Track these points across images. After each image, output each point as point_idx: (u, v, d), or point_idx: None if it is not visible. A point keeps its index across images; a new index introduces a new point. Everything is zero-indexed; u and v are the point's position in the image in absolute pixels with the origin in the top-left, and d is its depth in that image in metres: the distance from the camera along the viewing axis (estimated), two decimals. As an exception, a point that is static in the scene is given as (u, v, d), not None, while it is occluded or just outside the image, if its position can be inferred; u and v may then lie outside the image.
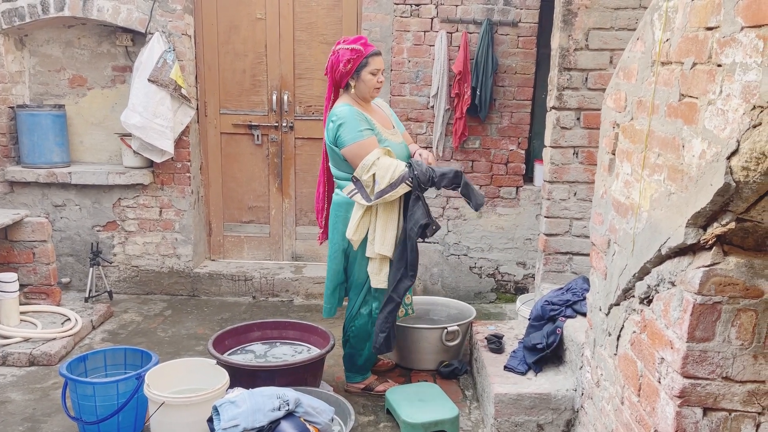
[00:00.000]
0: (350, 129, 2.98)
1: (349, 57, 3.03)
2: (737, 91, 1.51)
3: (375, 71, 3.05)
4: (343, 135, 2.99)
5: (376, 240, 3.02)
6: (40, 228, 4.00)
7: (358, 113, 3.03)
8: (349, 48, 3.03)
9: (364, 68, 3.04)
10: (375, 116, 3.15)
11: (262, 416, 1.98)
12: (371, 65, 3.04)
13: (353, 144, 2.97)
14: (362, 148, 2.96)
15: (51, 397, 3.23)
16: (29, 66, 4.72)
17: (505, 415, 2.84)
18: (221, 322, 4.27)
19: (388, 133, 3.15)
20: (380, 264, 3.07)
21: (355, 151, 2.98)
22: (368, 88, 3.07)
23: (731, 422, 1.80)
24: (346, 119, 2.99)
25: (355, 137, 2.97)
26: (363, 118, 3.03)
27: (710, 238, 1.71)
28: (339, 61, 3.05)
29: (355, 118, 3.00)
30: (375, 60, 3.05)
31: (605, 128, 2.53)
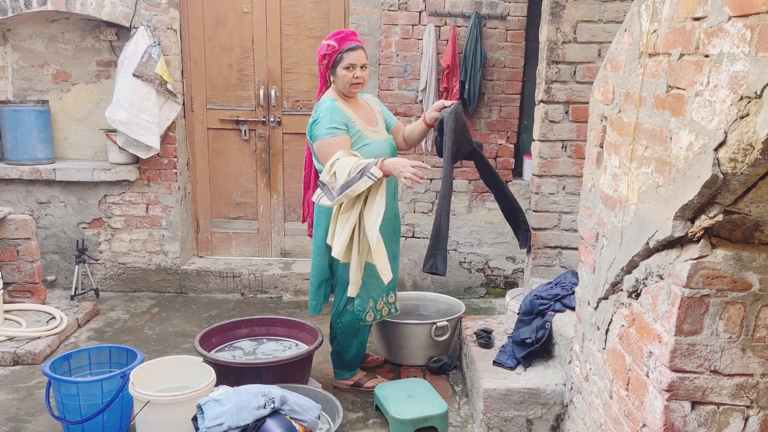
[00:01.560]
0: (322, 125, 2.94)
1: (324, 52, 3.00)
2: (724, 81, 1.50)
3: (349, 66, 2.98)
4: (315, 130, 2.96)
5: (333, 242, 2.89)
6: (23, 225, 3.94)
7: (336, 110, 2.97)
8: (326, 43, 3.00)
9: (339, 64, 2.99)
10: (359, 112, 3.10)
11: (247, 414, 1.95)
12: (345, 60, 2.97)
13: (321, 140, 2.93)
14: (328, 146, 2.90)
15: (35, 397, 3.18)
16: (12, 61, 4.65)
17: (495, 411, 2.83)
18: (209, 319, 4.23)
19: (371, 131, 3.09)
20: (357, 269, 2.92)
21: (321, 148, 2.94)
22: (344, 84, 3.02)
23: (720, 416, 1.80)
24: (322, 115, 2.96)
25: (324, 134, 2.92)
26: (340, 115, 2.97)
27: (698, 231, 1.69)
28: (318, 57, 3.05)
29: (329, 115, 2.94)
30: (350, 55, 2.98)
31: (593, 121, 2.51)
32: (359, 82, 3.03)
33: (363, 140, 3.03)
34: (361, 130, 3.04)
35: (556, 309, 3.07)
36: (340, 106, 3.01)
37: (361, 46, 3.04)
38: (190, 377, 2.86)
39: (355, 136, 3.01)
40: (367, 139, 3.05)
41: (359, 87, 3.06)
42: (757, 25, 1.37)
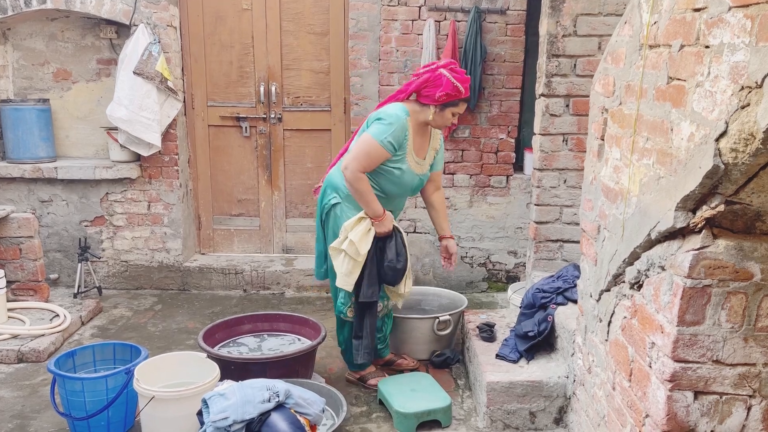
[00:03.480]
0: (383, 130, 2.93)
1: (448, 91, 2.95)
2: (725, 72, 1.50)
3: (456, 113, 3.05)
4: (376, 127, 2.96)
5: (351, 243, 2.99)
6: (26, 224, 3.95)
7: (404, 128, 2.98)
8: (455, 83, 2.95)
9: (452, 107, 3.00)
10: (418, 140, 3.11)
11: (252, 408, 1.96)
12: (459, 108, 3.03)
13: (373, 139, 2.93)
14: (372, 148, 2.93)
15: (40, 394, 3.20)
16: (12, 60, 4.65)
17: (498, 404, 2.84)
18: (212, 315, 4.24)
19: (415, 161, 3.11)
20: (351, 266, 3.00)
21: (366, 144, 2.95)
22: (441, 122, 3.05)
23: (722, 405, 1.80)
24: (391, 123, 2.95)
25: (378, 138, 2.93)
26: (403, 135, 2.99)
27: (699, 222, 1.70)
28: (437, 87, 2.96)
29: (395, 130, 2.95)
30: (462, 105, 3.05)
31: (594, 114, 2.52)
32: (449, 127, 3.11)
33: (402, 163, 3.05)
34: (407, 155, 3.06)
35: (558, 302, 3.08)
36: (408, 126, 3.01)
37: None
38: (194, 373, 2.87)
39: (400, 155, 3.03)
40: (406, 165, 3.06)
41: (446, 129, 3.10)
42: (758, 15, 1.37)
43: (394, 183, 3.07)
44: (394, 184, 3.07)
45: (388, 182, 3.06)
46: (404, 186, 3.12)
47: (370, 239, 2.99)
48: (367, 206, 2.99)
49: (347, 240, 2.98)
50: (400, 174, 3.05)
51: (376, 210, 2.99)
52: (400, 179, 3.07)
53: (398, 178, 3.06)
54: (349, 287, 3.03)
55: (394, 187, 3.09)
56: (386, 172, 3.03)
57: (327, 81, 4.69)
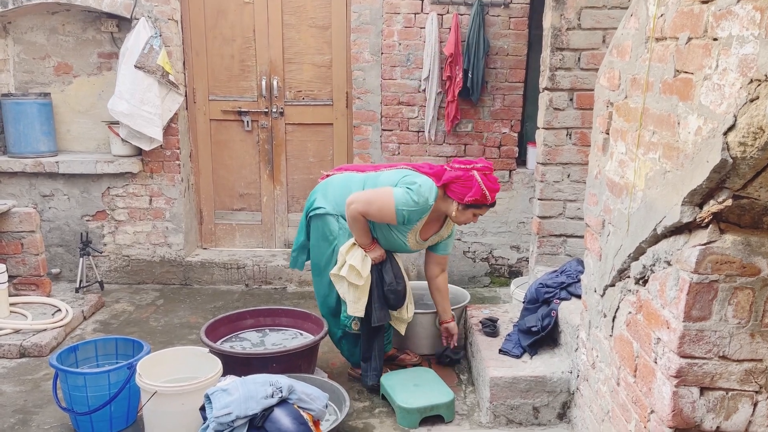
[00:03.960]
0: (406, 203, 2.91)
1: (476, 197, 2.95)
2: (734, 64, 1.48)
3: (478, 214, 3.05)
4: (401, 194, 2.92)
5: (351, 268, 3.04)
6: (27, 218, 3.94)
7: (424, 211, 2.98)
8: (483, 190, 2.94)
9: (475, 208, 3.00)
10: (428, 224, 3.12)
11: (255, 404, 1.95)
12: (481, 210, 3.03)
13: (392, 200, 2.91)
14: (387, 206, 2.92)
15: (42, 389, 3.19)
16: (13, 54, 4.63)
17: (501, 399, 2.83)
18: (214, 310, 4.23)
19: (414, 238, 3.11)
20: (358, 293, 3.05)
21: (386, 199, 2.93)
22: (462, 220, 3.06)
23: (728, 401, 1.79)
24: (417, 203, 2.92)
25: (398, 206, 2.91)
26: (421, 214, 2.99)
27: (706, 216, 1.69)
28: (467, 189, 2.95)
29: (419, 210, 2.95)
30: (486, 209, 3.05)
31: (599, 107, 2.50)
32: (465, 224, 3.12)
33: (400, 234, 3.08)
34: (410, 232, 3.08)
35: (561, 297, 3.06)
36: (431, 206, 2.99)
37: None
38: (197, 368, 2.86)
39: (404, 228, 3.05)
40: (404, 237, 3.09)
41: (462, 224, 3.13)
42: (767, 7, 1.35)
43: (385, 239, 3.12)
44: (385, 239, 3.12)
45: (380, 235, 3.11)
46: (393, 247, 3.17)
47: (368, 263, 3.05)
48: (356, 237, 3.05)
49: (346, 265, 3.03)
50: (394, 239, 3.10)
51: (364, 241, 3.04)
52: (392, 242, 3.12)
53: (390, 240, 3.11)
54: (361, 313, 3.08)
55: (384, 241, 3.13)
56: (382, 227, 3.08)
57: (329, 75, 4.67)
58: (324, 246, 3.19)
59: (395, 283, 3.08)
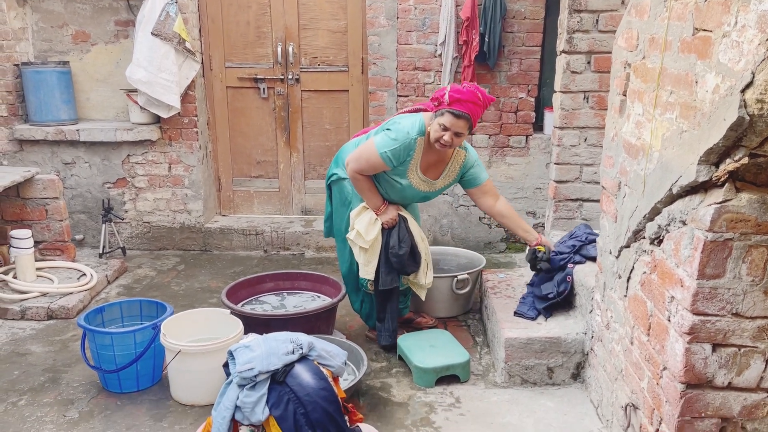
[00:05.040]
0: (388, 142, 2.92)
1: (437, 96, 2.90)
2: (753, 21, 1.47)
3: (443, 126, 2.86)
4: (379, 138, 2.94)
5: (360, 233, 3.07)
6: (51, 185, 4.02)
7: (408, 147, 2.93)
8: (445, 92, 2.85)
9: (439, 117, 2.88)
10: (428, 158, 3.03)
11: (277, 359, 2.02)
12: (444, 119, 2.85)
13: (374, 147, 2.93)
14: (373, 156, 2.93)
15: (70, 349, 3.30)
16: (32, 22, 4.67)
17: (516, 359, 2.88)
18: (234, 275, 4.31)
19: (419, 179, 3.05)
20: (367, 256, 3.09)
21: (365, 151, 2.96)
22: (433, 138, 2.92)
23: (740, 357, 1.82)
24: (397, 138, 2.91)
25: (379, 148, 2.92)
26: (406, 153, 2.94)
27: (722, 175, 1.69)
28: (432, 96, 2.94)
29: (398, 147, 2.92)
30: (450, 118, 2.83)
31: (616, 69, 2.49)
32: (445, 145, 2.91)
33: (402, 177, 3.04)
34: (409, 172, 3.03)
35: (575, 261, 3.09)
36: (417, 144, 2.95)
37: (466, 116, 2.83)
38: (218, 329, 2.94)
39: (400, 169, 3.01)
40: (406, 180, 3.04)
41: (444, 149, 2.95)
42: (789, -40, 1.34)
43: (396, 192, 3.11)
44: (396, 193, 3.11)
45: (390, 189, 3.11)
46: (406, 197, 3.15)
47: (377, 227, 3.06)
48: (366, 200, 3.06)
49: (354, 230, 3.07)
50: (401, 188, 3.08)
51: (374, 203, 3.05)
52: (401, 192, 3.10)
53: (399, 190, 3.10)
54: (371, 276, 3.12)
55: (396, 195, 3.13)
56: (387, 181, 3.08)
57: (344, 40, 4.66)
58: (343, 211, 3.23)
59: (398, 247, 3.05)
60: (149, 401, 2.85)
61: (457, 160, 3.13)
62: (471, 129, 2.92)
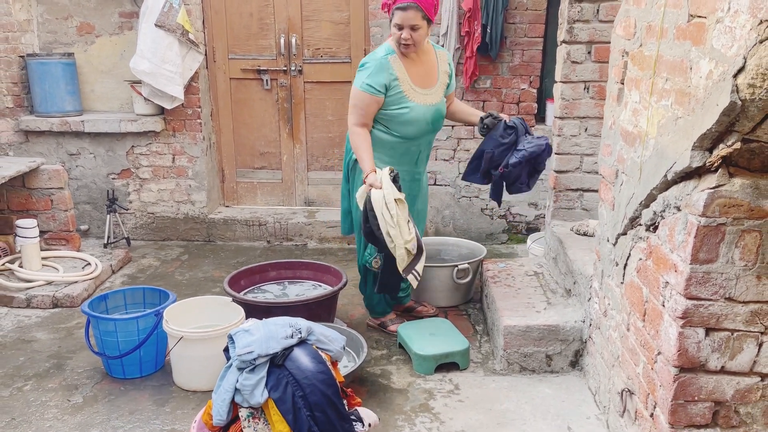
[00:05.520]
0: (362, 76, 2.97)
1: (384, 2, 2.95)
2: (745, 6, 1.49)
3: (398, 26, 2.88)
4: (358, 75, 3.01)
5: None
6: (56, 175, 4.06)
7: (383, 67, 2.94)
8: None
9: (392, 20, 2.91)
10: (414, 69, 3.02)
11: (276, 343, 2.05)
12: (394, 18, 2.89)
13: (355, 89, 3.00)
14: (358, 99, 2.98)
15: (75, 336, 3.35)
16: (37, 14, 4.70)
17: (515, 347, 2.91)
18: (237, 265, 4.34)
19: (419, 93, 3.03)
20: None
21: (352, 97, 3.01)
22: (394, 42, 2.96)
23: (733, 341, 1.84)
24: (370, 65, 2.97)
25: (359, 86, 2.97)
26: (385, 74, 2.94)
27: (716, 160, 1.71)
28: (381, 6, 2.99)
29: (374, 71, 2.94)
30: (398, 14, 2.86)
31: (614, 57, 2.50)
32: (407, 44, 2.91)
33: (405, 102, 3.01)
34: (406, 92, 3.00)
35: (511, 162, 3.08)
36: (391, 62, 2.97)
37: (413, 5, 2.84)
38: (220, 316, 2.98)
39: (397, 96, 2.99)
40: (411, 102, 3.01)
41: (409, 48, 2.94)
42: (779, -56, 1.35)
43: (408, 123, 3.04)
44: (409, 124, 3.04)
45: (401, 125, 3.04)
46: (420, 123, 3.05)
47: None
48: (359, 160, 2.99)
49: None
50: (409, 112, 3.01)
51: (365, 167, 2.95)
52: (412, 118, 3.02)
53: (410, 118, 3.02)
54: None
55: (411, 127, 3.05)
56: (393, 116, 3.02)
57: (347, 32, 4.67)
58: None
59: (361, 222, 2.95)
60: (152, 387, 2.89)
61: (442, 59, 3.17)
62: (429, 20, 2.92)
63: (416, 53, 3.03)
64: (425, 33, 2.95)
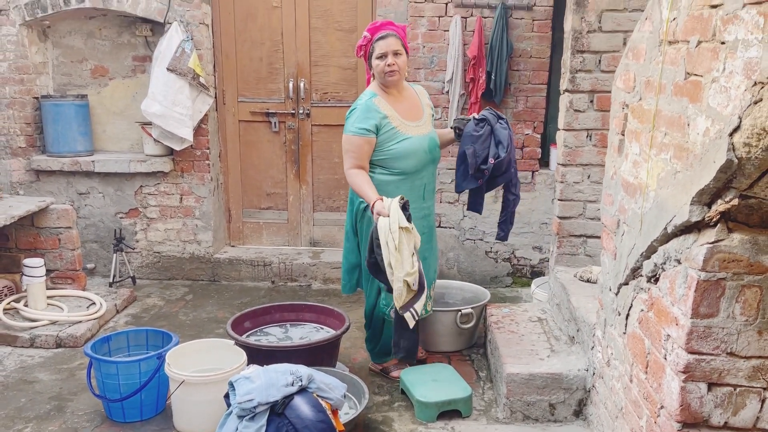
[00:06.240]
0: (352, 121, 3.06)
1: (360, 44, 3.12)
2: (739, 67, 1.53)
3: (381, 56, 3.04)
4: (347, 123, 3.10)
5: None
6: (65, 215, 4.11)
7: (371, 109, 3.04)
8: (363, 35, 3.11)
9: (372, 55, 3.07)
10: (401, 105, 3.13)
11: (276, 391, 2.05)
12: (376, 50, 3.04)
13: (348, 135, 3.07)
14: (352, 144, 3.05)
15: (77, 377, 3.34)
16: (52, 57, 4.83)
17: (518, 395, 2.88)
18: (241, 306, 4.35)
19: (411, 126, 3.12)
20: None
21: (345, 143, 3.09)
22: (379, 74, 3.08)
23: (736, 397, 1.83)
24: (357, 110, 3.08)
25: (352, 131, 3.05)
26: (374, 115, 3.04)
27: (714, 215, 1.72)
28: (356, 51, 3.16)
29: (363, 114, 3.04)
30: (380, 44, 3.03)
31: (615, 109, 2.54)
32: (393, 70, 3.04)
33: (399, 136, 3.08)
34: (398, 127, 3.09)
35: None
36: (377, 103, 3.06)
37: (393, 33, 3.06)
38: (223, 359, 2.97)
39: (390, 132, 3.07)
40: (405, 135, 3.09)
41: (395, 75, 3.06)
42: (770, 11, 1.39)
43: (407, 156, 3.09)
44: (408, 157, 3.09)
45: (401, 160, 3.09)
46: (419, 153, 3.11)
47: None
48: (364, 195, 3.01)
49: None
50: (406, 144, 3.08)
51: (368, 199, 2.98)
52: (410, 150, 3.09)
53: (408, 151, 3.08)
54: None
55: (410, 160, 3.10)
56: (392, 153, 3.08)
57: (354, 77, 4.76)
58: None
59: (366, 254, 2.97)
60: (152, 431, 2.87)
61: (421, 93, 3.32)
62: (406, 51, 3.11)
63: (398, 90, 3.16)
64: (406, 62, 3.13)
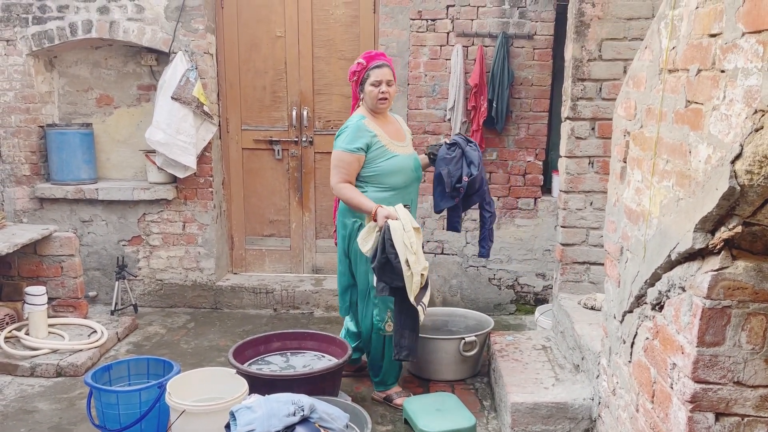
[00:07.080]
0: (343, 139, 3.18)
1: (354, 69, 3.25)
2: (739, 96, 1.53)
3: (376, 83, 3.19)
4: (337, 141, 3.21)
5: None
6: (68, 243, 4.12)
7: (361, 129, 3.18)
8: (357, 62, 3.24)
9: (367, 81, 3.21)
10: (387, 128, 3.30)
11: (277, 421, 2.02)
12: (372, 77, 3.20)
13: (338, 152, 3.18)
14: (342, 160, 3.17)
15: (77, 407, 3.31)
16: (58, 86, 4.89)
17: (522, 425, 2.84)
18: (243, 334, 4.33)
19: (397, 146, 3.30)
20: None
21: (336, 160, 3.19)
22: (371, 100, 3.23)
23: (744, 427, 1.80)
24: (348, 129, 3.20)
25: (343, 148, 3.16)
26: (364, 135, 3.17)
27: (718, 243, 1.72)
28: (349, 74, 3.28)
29: (354, 133, 3.17)
30: (375, 72, 3.20)
31: (617, 136, 2.55)
32: (385, 98, 3.22)
33: (388, 154, 3.23)
34: (387, 146, 3.24)
35: None
36: (366, 124, 3.20)
37: (387, 64, 3.25)
38: (224, 388, 2.94)
39: (380, 150, 3.21)
40: (393, 153, 3.25)
41: (385, 102, 3.25)
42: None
43: (396, 172, 3.23)
44: (397, 173, 3.24)
45: (390, 176, 3.22)
46: (407, 170, 3.27)
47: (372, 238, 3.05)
48: (360, 208, 3.14)
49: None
50: (397, 161, 3.23)
51: (367, 208, 3.09)
52: (399, 167, 3.24)
53: (397, 167, 3.23)
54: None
55: (399, 176, 3.25)
56: (382, 169, 3.21)
57: (357, 105, 4.80)
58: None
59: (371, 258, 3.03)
60: (152, 462, 2.83)
61: (401, 120, 3.51)
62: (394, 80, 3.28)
63: (383, 116, 3.31)
64: (396, 91, 3.31)
